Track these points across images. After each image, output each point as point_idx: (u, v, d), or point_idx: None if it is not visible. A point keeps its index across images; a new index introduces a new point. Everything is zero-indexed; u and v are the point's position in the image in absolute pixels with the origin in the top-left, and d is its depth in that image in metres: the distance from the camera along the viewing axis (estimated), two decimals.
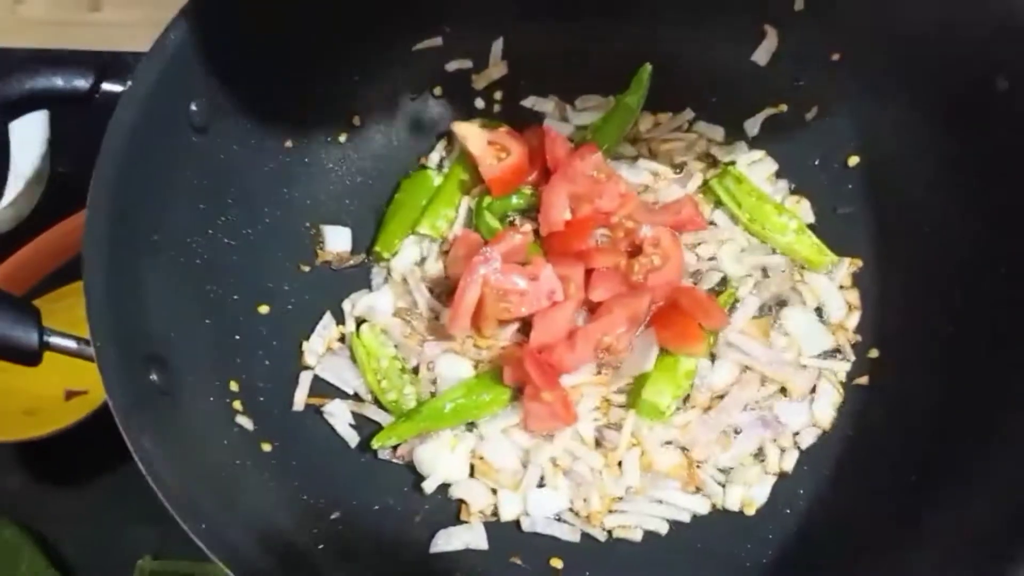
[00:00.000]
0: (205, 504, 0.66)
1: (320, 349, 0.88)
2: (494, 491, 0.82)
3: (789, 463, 0.82)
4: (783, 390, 0.85)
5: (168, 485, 0.64)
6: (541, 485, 0.82)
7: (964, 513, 0.70)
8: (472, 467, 0.83)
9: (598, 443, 0.84)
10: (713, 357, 0.87)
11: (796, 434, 0.84)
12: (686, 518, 0.81)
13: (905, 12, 0.84)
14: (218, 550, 0.63)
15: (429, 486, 0.82)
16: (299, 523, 0.75)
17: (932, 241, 0.86)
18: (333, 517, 0.78)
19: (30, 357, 0.70)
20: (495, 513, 0.82)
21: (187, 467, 0.68)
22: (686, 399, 0.85)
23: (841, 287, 0.89)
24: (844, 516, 0.78)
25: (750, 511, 0.81)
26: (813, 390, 0.85)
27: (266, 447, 0.80)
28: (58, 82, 0.76)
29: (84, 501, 0.95)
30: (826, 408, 0.84)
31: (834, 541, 0.76)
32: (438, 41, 0.96)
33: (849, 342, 0.87)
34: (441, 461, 0.82)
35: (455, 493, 0.82)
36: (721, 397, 0.85)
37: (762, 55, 0.94)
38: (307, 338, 0.88)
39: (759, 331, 0.87)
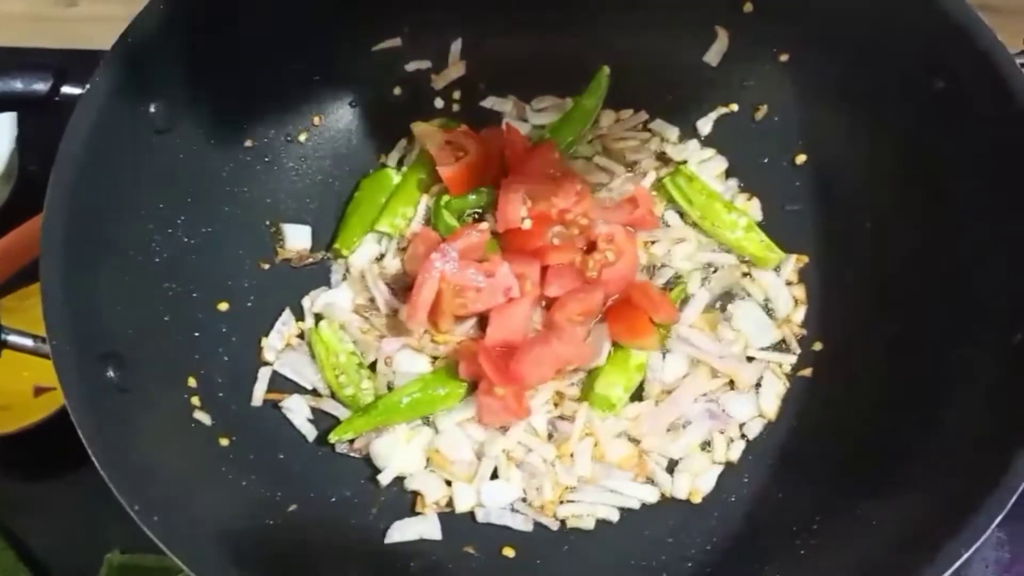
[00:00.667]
0: (161, 498, 0.67)
1: (279, 345, 0.89)
2: (449, 483, 0.84)
3: (735, 453, 0.85)
4: (731, 383, 0.88)
5: (123, 480, 0.66)
6: (495, 477, 0.84)
7: (897, 501, 0.72)
8: (427, 460, 0.85)
9: (551, 435, 0.86)
10: (665, 351, 0.89)
11: (743, 425, 0.86)
12: (636, 506, 0.83)
13: (847, 15, 0.87)
14: (172, 544, 0.64)
15: (385, 478, 0.84)
16: (256, 516, 0.77)
17: (875, 238, 0.89)
18: (290, 510, 0.80)
19: None
20: (450, 504, 0.84)
21: (143, 462, 0.69)
22: (638, 392, 0.88)
23: (788, 282, 0.91)
24: (785, 503, 0.80)
25: (697, 499, 0.83)
26: (759, 382, 0.87)
27: (224, 442, 0.81)
28: (17, 85, 0.78)
29: (52, 497, 0.95)
30: (771, 399, 0.86)
31: (775, 526, 0.78)
32: (397, 42, 0.98)
33: (795, 336, 0.89)
34: (397, 454, 0.84)
35: (410, 485, 0.84)
36: (671, 391, 0.87)
37: (713, 56, 0.97)
38: (266, 334, 0.90)
39: (708, 325, 0.90)
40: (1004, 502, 0.63)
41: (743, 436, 0.86)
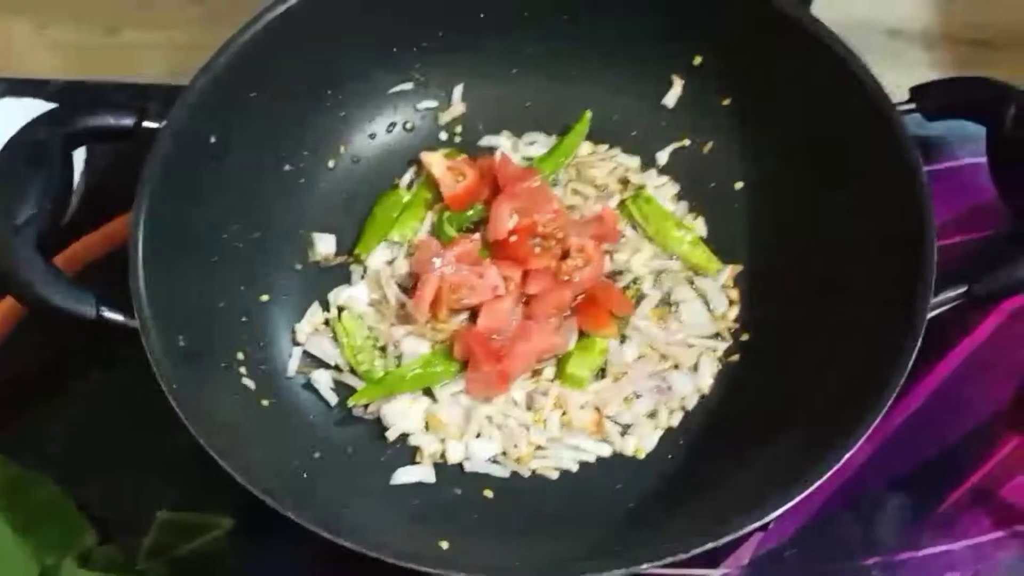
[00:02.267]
0: (221, 436, 0.86)
1: (308, 330, 1.07)
2: (442, 440, 1.02)
3: (675, 420, 1.03)
4: (676, 365, 1.06)
5: (196, 420, 0.85)
6: (479, 436, 1.02)
7: (780, 450, 0.93)
8: (426, 422, 1.03)
9: (529, 406, 1.04)
10: (623, 338, 1.07)
11: (683, 398, 1.04)
12: (592, 460, 1.01)
13: (772, 69, 1.07)
14: (233, 467, 0.83)
15: (391, 435, 1.02)
16: (289, 457, 0.96)
17: (797, 250, 1.07)
18: (315, 456, 0.98)
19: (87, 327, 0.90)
20: (443, 457, 1.02)
21: (207, 410, 0.88)
22: (601, 371, 1.06)
23: (724, 286, 1.10)
24: (706, 458, 0.99)
25: (641, 455, 1.01)
26: (697, 364, 1.06)
27: (265, 402, 1.00)
28: (110, 120, 0.98)
29: (110, 463, 1.08)
30: (707, 378, 1.05)
31: (697, 476, 0.98)
32: (410, 86, 1.17)
33: (728, 329, 1.08)
34: (402, 417, 1.02)
35: (412, 441, 1.02)
36: (627, 372, 1.05)
37: (670, 100, 1.16)
38: (298, 321, 1.08)
39: (658, 318, 1.09)
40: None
41: (682, 407, 1.04)
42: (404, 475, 1.00)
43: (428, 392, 1.05)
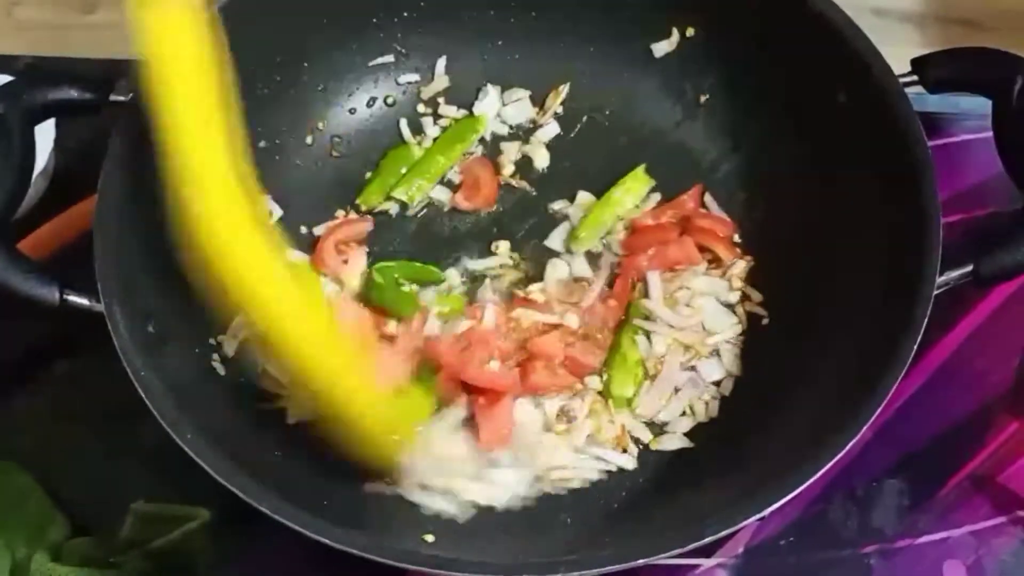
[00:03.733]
0: (192, 427, 0.82)
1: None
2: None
3: (715, 410, 0.98)
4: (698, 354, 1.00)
5: (164, 408, 0.81)
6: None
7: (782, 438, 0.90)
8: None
9: (567, 416, 0.97)
10: (648, 334, 1.01)
11: (718, 383, 0.99)
12: (614, 468, 0.96)
13: (768, 40, 1.04)
14: (204, 458, 0.79)
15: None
16: (265, 448, 0.92)
17: (797, 228, 1.04)
18: (295, 447, 0.94)
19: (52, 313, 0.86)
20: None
21: (178, 398, 0.84)
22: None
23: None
24: (706, 447, 0.97)
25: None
26: (718, 349, 1.01)
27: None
28: (73, 94, 0.93)
29: (82, 451, 1.05)
30: (732, 359, 1.00)
31: (695, 466, 0.95)
32: (391, 58, 1.13)
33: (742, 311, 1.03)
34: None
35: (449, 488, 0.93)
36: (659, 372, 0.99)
37: (659, 51, 1.12)
38: None
39: (670, 306, 1.03)
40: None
41: (720, 395, 0.99)
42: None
43: None
